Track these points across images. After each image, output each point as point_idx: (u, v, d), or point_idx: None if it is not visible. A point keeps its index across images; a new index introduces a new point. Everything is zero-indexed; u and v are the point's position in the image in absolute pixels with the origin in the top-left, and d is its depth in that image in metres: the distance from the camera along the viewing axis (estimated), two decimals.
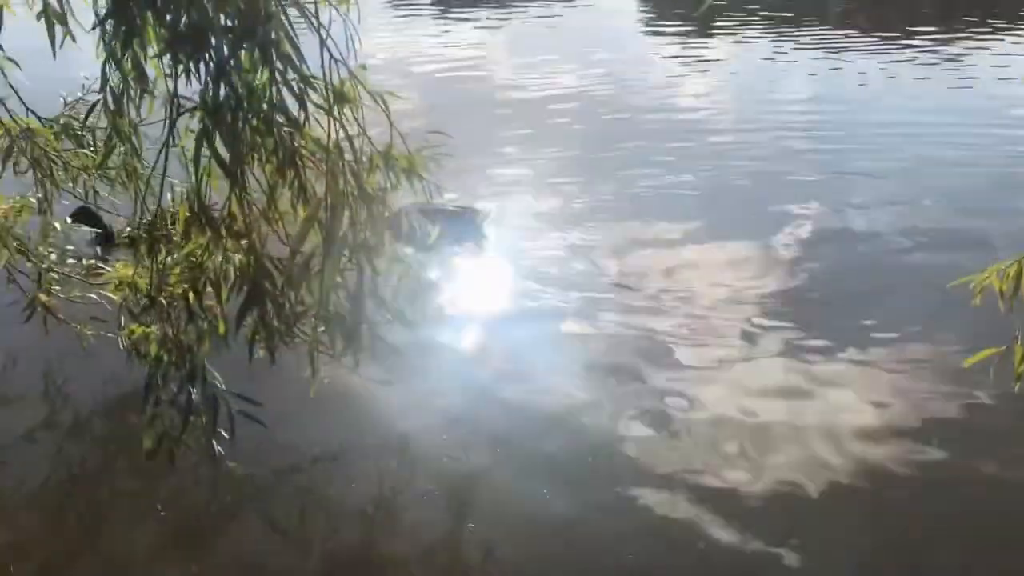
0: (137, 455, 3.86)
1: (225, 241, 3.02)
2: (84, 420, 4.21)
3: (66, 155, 4.04)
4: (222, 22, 2.57)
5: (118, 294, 3.28)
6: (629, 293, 5.37)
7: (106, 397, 4.30)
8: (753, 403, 4.17)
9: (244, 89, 2.70)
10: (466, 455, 3.89)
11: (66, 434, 4.15)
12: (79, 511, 3.68)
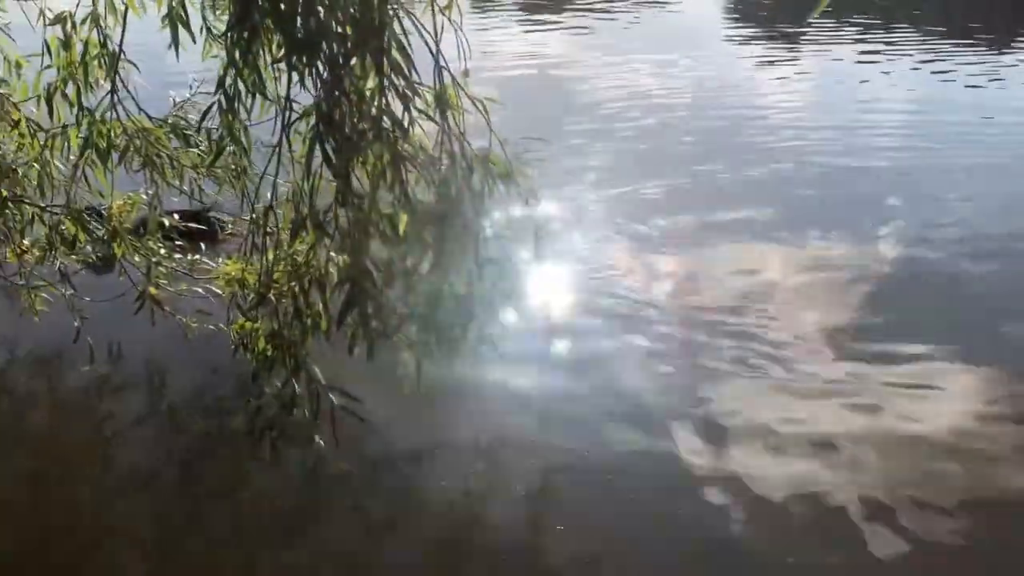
0: (237, 445, 4.07)
1: (330, 241, 3.14)
2: (187, 409, 4.35)
3: (176, 153, 4.22)
4: (338, 30, 2.67)
5: (227, 290, 3.41)
6: (704, 297, 5.36)
7: (208, 388, 4.46)
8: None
9: (355, 95, 2.80)
10: (555, 457, 3.93)
11: (170, 422, 4.31)
12: (181, 497, 3.83)
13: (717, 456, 3.89)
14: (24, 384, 4.62)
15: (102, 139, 3.75)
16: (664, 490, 3.71)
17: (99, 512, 3.71)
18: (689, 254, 5.97)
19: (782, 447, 3.95)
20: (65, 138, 3.76)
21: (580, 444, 3.99)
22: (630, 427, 4.10)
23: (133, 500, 3.76)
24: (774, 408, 4.23)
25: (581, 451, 3.96)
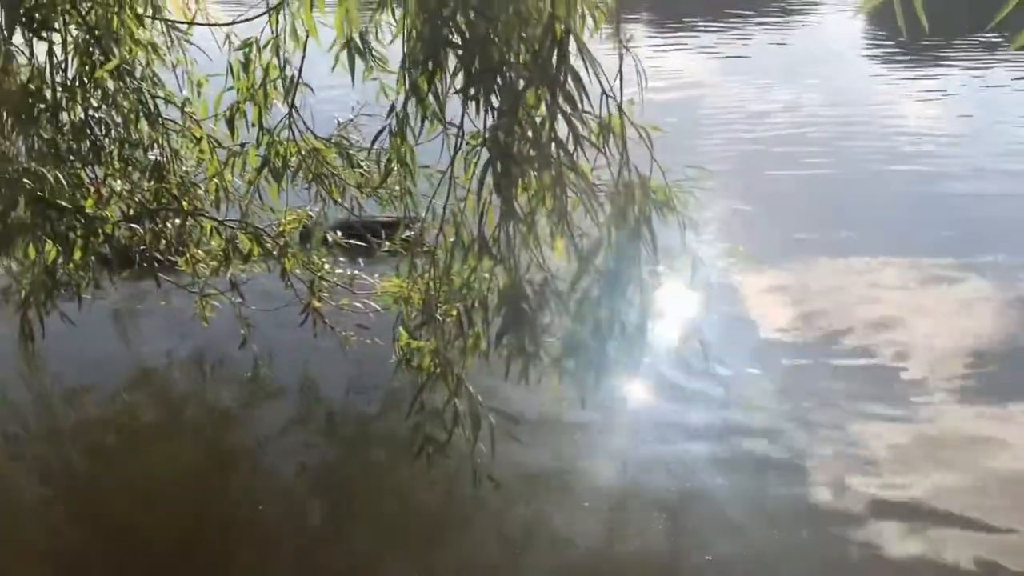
0: (389, 455, 4.20)
1: (492, 264, 3.21)
2: (339, 419, 4.53)
3: (341, 172, 4.42)
4: (516, 60, 2.74)
5: (393, 307, 3.53)
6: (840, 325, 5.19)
7: (362, 399, 4.62)
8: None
9: (528, 123, 2.86)
10: (695, 482, 3.89)
11: (321, 431, 4.48)
12: (327, 502, 3.97)
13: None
14: (190, 385, 4.91)
15: (279, 158, 3.96)
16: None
17: (248, 511, 3.88)
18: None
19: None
20: (244, 156, 3.98)
21: (716, 480, 3.95)
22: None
23: (281, 501, 3.92)
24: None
25: (717, 486, 3.91)
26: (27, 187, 3.11)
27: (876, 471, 3.95)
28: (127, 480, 4.13)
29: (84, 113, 4.12)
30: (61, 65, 4.07)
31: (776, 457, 4.09)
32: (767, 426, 4.30)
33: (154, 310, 5.33)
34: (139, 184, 4.25)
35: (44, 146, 3.85)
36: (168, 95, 4.24)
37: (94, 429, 4.58)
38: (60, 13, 3.92)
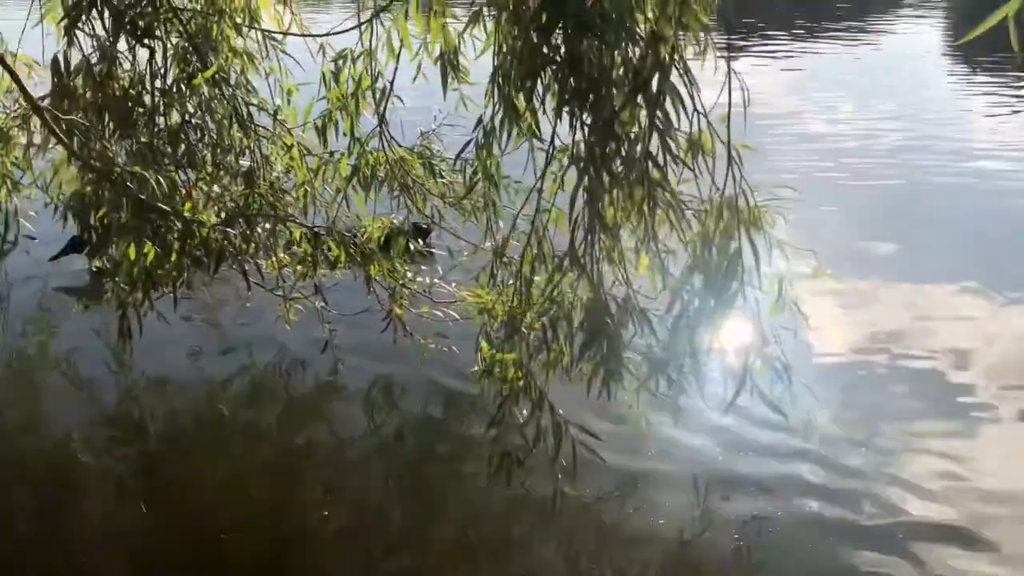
0: (460, 464, 4.23)
1: (578, 278, 3.21)
2: (413, 425, 4.57)
3: (426, 182, 4.47)
4: (617, 76, 2.75)
5: (477, 318, 3.56)
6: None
7: (436, 408, 4.67)
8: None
9: (625, 140, 2.86)
10: (776, 502, 3.84)
11: (396, 435, 4.54)
12: (400, 507, 4.01)
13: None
14: (271, 385, 5.01)
15: (368, 167, 4.03)
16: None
17: (322, 514, 3.92)
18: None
19: None
20: (335, 165, 4.06)
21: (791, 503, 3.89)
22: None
23: (353, 504, 3.98)
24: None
25: (794, 507, 3.85)
26: (131, 190, 3.22)
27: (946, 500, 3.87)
28: (206, 474, 4.23)
29: (181, 118, 4.25)
30: (160, 71, 4.21)
31: (839, 480, 4.03)
32: (834, 450, 4.24)
33: (239, 312, 5.47)
34: (229, 188, 4.36)
35: (142, 149, 3.99)
36: (261, 102, 4.35)
37: (177, 424, 4.71)
38: (162, 22, 4.06)
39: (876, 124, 10.54)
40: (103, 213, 3.30)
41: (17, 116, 4.34)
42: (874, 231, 7.11)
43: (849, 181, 8.48)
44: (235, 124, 4.32)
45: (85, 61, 3.86)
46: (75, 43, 3.86)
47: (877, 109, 11.16)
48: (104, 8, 3.93)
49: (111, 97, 3.96)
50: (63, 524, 3.86)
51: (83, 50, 3.91)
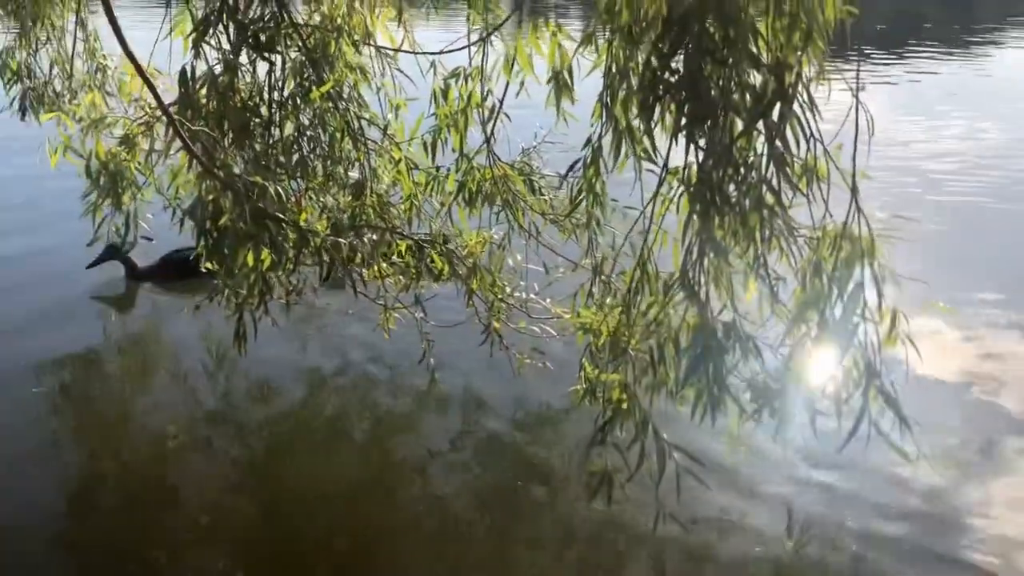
0: (551, 482, 4.24)
1: (685, 301, 3.20)
2: (505, 441, 4.60)
3: (528, 199, 4.51)
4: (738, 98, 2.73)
5: (581, 336, 3.57)
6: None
7: (530, 424, 4.70)
8: None
9: (743, 165, 2.84)
10: (882, 537, 3.74)
11: (486, 450, 4.57)
12: (489, 523, 4.04)
13: None
14: (369, 394, 5.11)
15: (473, 183, 4.10)
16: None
17: (407, 520, 4.01)
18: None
19: None
20: (443, 179, 4.14)
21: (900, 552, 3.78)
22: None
23: (440, 514, 4.04)
24: None
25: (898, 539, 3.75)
26: (252, 199, 3.34)
27: None
28: (302, 477, 4.34)
29: (295, 130, 4.38)
30: (278, 84, 4.36)
31: (948, 518, 3.94)
32: (941, 489, 4.12)
33: (340, 319, 5.60)
34: (338, 199, 4.47)
35: (258, 159, 4.13)
36: (373, 116, 4.45)
37: (275, 426, 4.85)
38: (283, 37, 4.20)
39: (985, 147, 10.22)
40: (224, 220, 3.42)
41: (142, 123, 4.55)
42: (986, 260, 6.88)
43: (958, 206, 8.23)
44: (346, 137, 4.44)
45: (210, 73, 4.02)
46: (201, 56, 4.03)
47: (987, 131, 10.81)
48: (230, 23, 4.10)
49: (232, 108, 4.11)
50: (164, 519, 4.01)
51: (208, 62, 4.08)
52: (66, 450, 4.61)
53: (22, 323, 5.72)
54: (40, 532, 3.85)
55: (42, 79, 5.68)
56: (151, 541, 3.85)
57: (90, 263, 6.29)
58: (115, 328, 6.08)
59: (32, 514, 3.97)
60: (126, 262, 6.47)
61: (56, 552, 3.78)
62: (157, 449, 4.56)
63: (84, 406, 5.05)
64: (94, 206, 4.55)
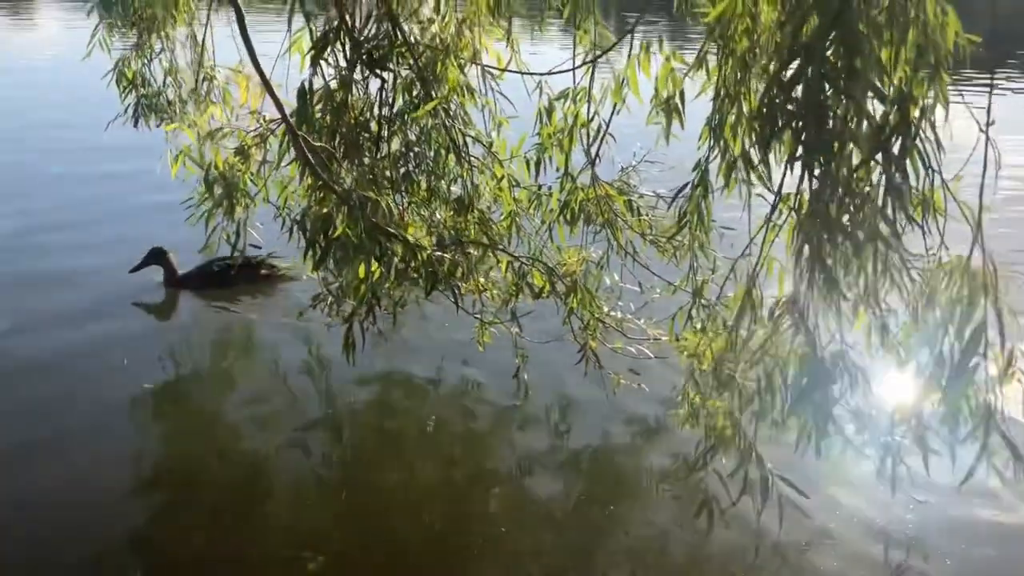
0: (642, 506, 4.23)
1: (793, 330, 3.17)
2: (596, 460, 4.60)
3: (629, 219, 4.53)
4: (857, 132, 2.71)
5: (683, 360, 3.57)
6: None
7: (622, 444, 4.70)
8: None
9: (859, 196, 2.82)
10: None
11: (575, 468, 4.59)
12: (577, 543, 4.04)
13: None
14: (462, 406, 5.18)
15: (576, 202, 4.14)
16: None
17: (499, 534, 4.04)
18: None
19: None
20: (547, 198, 4.19)
21: None
22: None
23: (525, 528, 4.07)
24: None
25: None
26: (366, 213, 3.44)
27: None
28: (395, 485, 4.43)
29: (403, 146, 4.49)
30: (387, 100, 4.48)
31: None
32: None
33: (437, 331, 5.68)
34: (441, 214, 4.56)
35: (365, 172, 4.24)
36: (477, 134, 4.53)
37: (369, 434, 4.97)
38: (395, 55, 4.32)
39: None
40: (339, 232, 3.52)
41: (256, 135, 4.72)
42: None
43: None
44: (450, 153, 4.53)
45: (326, 88, 4.16)
46: (318, 72, 4.17)
47: None
48: (346, 40, 4.24)
49: (346, 123, 4.25)
50: (258, 522, 4.13)
51: (324, 78, 4.22)
52: (165, 449, 4.81)
53: (119, 324, 5.99)
54: (133, 531, 4.00)
55: (155, 88, 5.92)
56: (243, 544, 3.96)
57: (133, 267, 6.50)
58: (212, 330, 6.28)
59: (131, 511, 4.14)
60: (167, 268, 6.61)
61: (149, 552, 3.93)
62: (254, 451, 4.71)
63: (183, 406, 5.25)
64: (207, 214, 4.74)
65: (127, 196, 8.51)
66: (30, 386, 5.10)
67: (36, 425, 4.71)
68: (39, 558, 3.77)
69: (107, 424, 4.81)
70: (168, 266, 6.62)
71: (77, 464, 4.40)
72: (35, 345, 5.57)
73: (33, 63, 16.44)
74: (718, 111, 3.40)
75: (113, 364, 5.41)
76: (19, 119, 11.73)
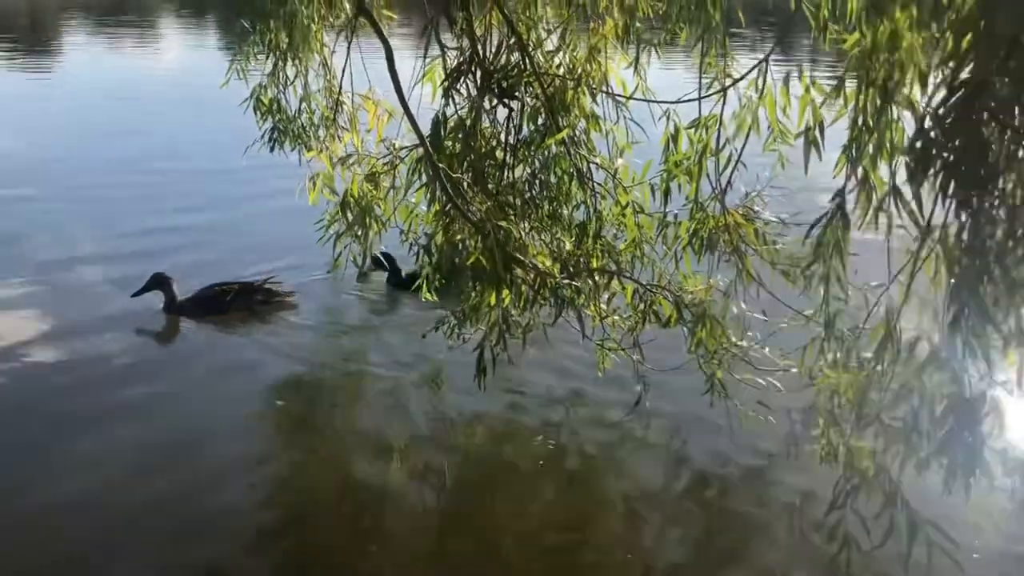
0: (770, 546, 4.12)
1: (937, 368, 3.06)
2: (721, 494, 4.55)
3: (756, 246, 4.44)
4: None
5: (823, 399, 3.47)
6: None
7: (748, 480, 4.62)
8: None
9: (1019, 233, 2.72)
10: None
11: (697, 501, 4.53)
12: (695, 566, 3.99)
13: None
14: (581, 434, 5.17)
15: (705, 231, 4.10)
16: None
17: (617, 565, 4.00)
18: None
19: None
20: (676, 226, 4.16)
21: None
22: None
23: (650, 565, 4.03)
24: None
25: None
26: (500, 242, 3.49)
27: None
28: (507, 508, 4.45)
29: (528, 172, 4.54)
30: (515, 127, 4.53)
31: None
32: None
33: (556, 356, 5.70)
34: (564, 240, 4.57)
35: (495, 200, 4.30)
36: (603, 161, 4.54)
37: (483, 455, 5.01)
38: (524, 84, 4.38)
39: None
40: (472, 260, 3.58)
41: (386, 162, 4.85)
42: None
43: None
44: (574, 179, 4.54)
45: (458, 118, 4.25)
46: (450, 101, 4.27)
47: None
48: (477, 70, 4.32)
49: (474, 151, 4.32)
50: (372, 542, 4.19)
51: (455, 107, 4.31)
52: (289, 462, 4.97)
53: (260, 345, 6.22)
54: (254, 540, 4.15)
55: (289, 114, 6.14)
56: (358, 563, 4.04)
57: (135, 292, 6.58)
58: (332, 347, 6.45)
59: (254, 521, 4.30)
60: (168, 293, 6.64)
61: (272, 557, 4.06)
62: (371, 470, 4.81)
63: (308, 423, 5.41)
64: (337, 236, 4.89)
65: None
66: (175, 397, 5.37)
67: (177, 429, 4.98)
68: (171, 556, 3.97)
69: (237, 434, 5.04)
70: (169, 292, 6.66)
71: (209, 470, 4.62)
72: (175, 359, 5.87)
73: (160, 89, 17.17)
74: (855, 140, 3.33)
75: (248, 383, 5.66)
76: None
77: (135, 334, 6.31)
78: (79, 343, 6.06)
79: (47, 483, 4.44)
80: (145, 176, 10.23)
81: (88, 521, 4.17)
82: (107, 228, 8.39)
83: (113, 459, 4.66)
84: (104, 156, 11.37)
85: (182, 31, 29.23)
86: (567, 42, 4.54)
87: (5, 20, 30.36)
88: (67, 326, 6.30)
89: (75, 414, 5.10)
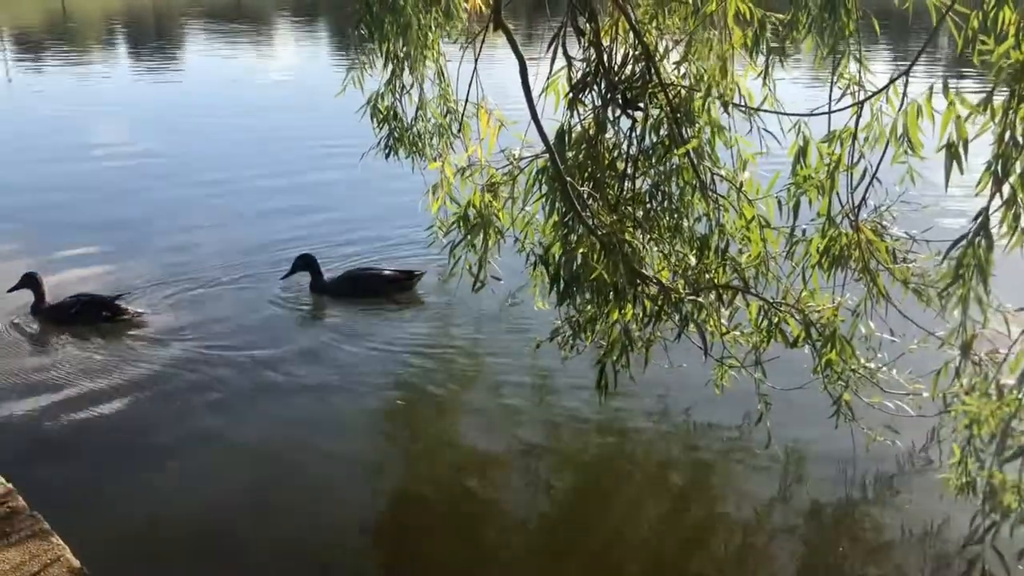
0: (885, 568, 3.96)
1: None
2: (840, 513, 4.41)
3: (888, 263, 4.26)
4: None
5: (962, 426, 3.31)
6: None
7: (871, 507, 4.45)
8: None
9: None
10: None
11: (814, 520, 4.40)
12: None
13: None
14: (696, 449, 5.09)
15: (838, 248, 3.96)
16: None
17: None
18: None
19: None
20: (806, 243, 4.03)
21: None
22: None
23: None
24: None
25: None
26: (627, 258, 3.45)
27: None
28: (613, 523, 4.40)
29: (650, 184, 4.48)
30: (637, 138, 4.48)
31: None
32: None
33: (672, 371, 5.59)
34: (685, 253, 4.49)
35: (614, 212, 4.25)
36: (727, 173, 4.44)
37: (592, 465, 4.97)
38: (648, 95, 4.32)
39: None
40: (596, 275, 3.55)
41: (505, 173, 4.87)
42: None
43: None
44: (696, 191, 4.45)
45: (582, 130, 4.23)
46: (575, 113, 4.26)
47: None
48: (602, 81, 4.29)
49: (597, 162, 4.30)
50: (475, 548, 4.24)
51: (578, 117, 4.30)
52: (402, 466, 5.11)
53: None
54: (366, 543, 4.26)
55: (405, 122, 6.23)
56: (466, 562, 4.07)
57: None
58: (446, 359, 6.49)
59: (364, 524, 4.41)
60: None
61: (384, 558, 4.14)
62: (480, 473, 4.86)
63: (419, 428, 5.50)
64: (454, 246, 4.93)
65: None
66: (280, 398, 5.54)
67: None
68: (284, 560, 4.10)
69: (350, 438, 5.21)
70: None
71: (323, 474, 4.78)
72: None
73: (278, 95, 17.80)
74: (1001, 155, 3.18)
75: (357, 383, 5.82)
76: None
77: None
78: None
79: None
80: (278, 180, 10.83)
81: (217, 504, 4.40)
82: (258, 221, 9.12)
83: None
84: (242, 157, 12.32)
85: (295, 37, 30.18)
86: (693, 52, 4.47)
87: (134, 22, 32.04)
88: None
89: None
